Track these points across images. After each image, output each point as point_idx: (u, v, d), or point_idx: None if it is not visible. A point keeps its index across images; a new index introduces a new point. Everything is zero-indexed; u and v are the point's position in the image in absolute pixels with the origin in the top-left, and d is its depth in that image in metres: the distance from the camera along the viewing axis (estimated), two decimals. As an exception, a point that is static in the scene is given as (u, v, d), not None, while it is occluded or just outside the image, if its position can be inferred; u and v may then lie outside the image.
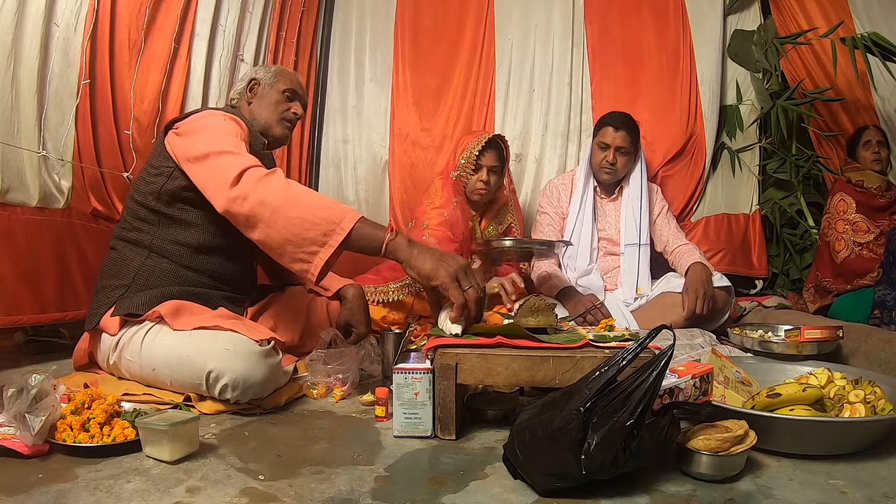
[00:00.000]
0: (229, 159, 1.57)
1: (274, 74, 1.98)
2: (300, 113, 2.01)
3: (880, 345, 1.94)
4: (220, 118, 1.74)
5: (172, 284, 1.71)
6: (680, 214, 3.16)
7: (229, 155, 1.58)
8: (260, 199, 1.48)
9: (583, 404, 1.07)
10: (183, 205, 1.73)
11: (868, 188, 2.92)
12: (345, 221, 1.46)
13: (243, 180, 1.51)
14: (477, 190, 2.61)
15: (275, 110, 1.95)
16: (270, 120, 1.95)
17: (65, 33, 2.00)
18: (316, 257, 1.46)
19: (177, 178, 1.71)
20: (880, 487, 1.13)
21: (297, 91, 2.01)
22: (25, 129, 1.93)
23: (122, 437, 1.25)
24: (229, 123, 1.73)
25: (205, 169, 1.61)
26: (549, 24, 3.34)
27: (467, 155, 2.58)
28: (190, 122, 1.74)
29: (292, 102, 1.99)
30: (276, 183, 1.51)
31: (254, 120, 1.92)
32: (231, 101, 2.01)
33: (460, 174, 2.60)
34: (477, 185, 2.60)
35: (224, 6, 2.66)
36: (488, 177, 2.60)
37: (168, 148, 1.73)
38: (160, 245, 1.73)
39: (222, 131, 1.68)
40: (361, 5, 3.44)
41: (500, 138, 2.68)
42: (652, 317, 2.47)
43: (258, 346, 1.54)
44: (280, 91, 1.96)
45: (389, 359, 1.91)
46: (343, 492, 1.09)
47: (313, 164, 3.40)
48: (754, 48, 3.21)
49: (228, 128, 1.71)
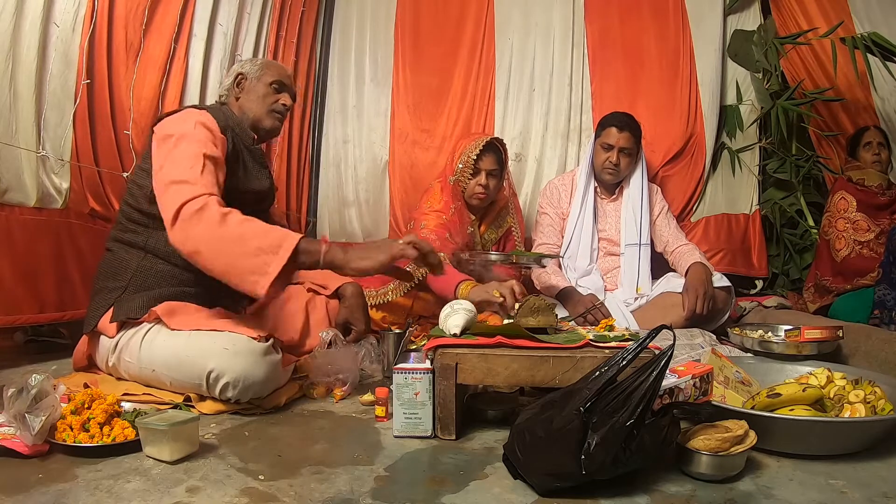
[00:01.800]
0: (178, 190, 1.54)
1: (260, 67, 1.97)
2: (289, 104, 1.99)
3: (880, 345, 1.94)
4: (192, 125, 1.69)
5: (169, 285, 1.71)
6: (680, 214, 3.16)
7: (181, 185, 1.55)
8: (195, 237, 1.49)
9: (583, 404, 1.07)
10: None
11: (869, 186, 2.92)
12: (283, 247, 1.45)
13: (180, 218, 1.50)
14: (476, 195, 2.55)
15: (263, 103, 1.94)
16: (260, 113, 1.93)
17: (63, 34, 2.00)
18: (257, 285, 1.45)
19: None
20: (880, 487, 1.13)
21: (285, 82, 1.99)
22: (23, 129, 1.93)
23: (122, 437, 1.25)
24: (200, 131, 1.68)
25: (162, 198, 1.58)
26: (549, 25, 3.33)
27: (465, 159, 2.52)
28: (166, 127, 1.71)
29: (280, 94, 1.97)
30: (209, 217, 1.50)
31: (243, 114, 1.91)
32: (220, 98, 1.99)
33: (458, 179, 2.54)
34: (476, 189, 2.54)
35: (222, 6, 2.66)
36: (487, 181, 2.54)
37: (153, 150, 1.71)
38: (155, 246, 1.72)
39: (189, 152, 1.62)
40: (362, 6, 3.44)
41: (498, 141, 2.61)
42: (652, 317, 2.47)
43: (258, 345, 1.54)
44: (267, 83, 1.95)
45: (389, 359, 1.91)
46: (343, 492, 1.09)
47: (313, 165, 3.40)
48: (754, 48, 3.21)
49: (199, 136, 1.66)
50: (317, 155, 3.40)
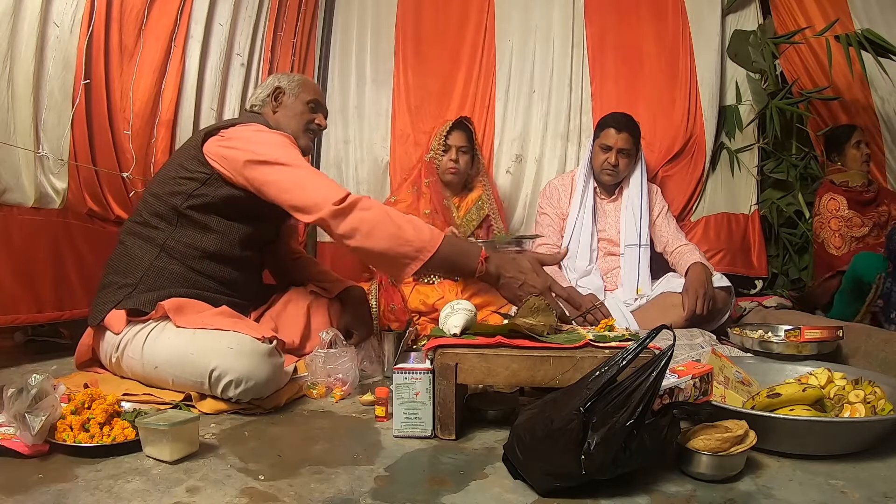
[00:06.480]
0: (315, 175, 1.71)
1: (298, 84, 1.98)
2: (324, 125, 2.02)
3: (880, 345, 1.94)
4: (278, 135, 1.78)
5: (180, 286, 1.71)
6: (680, 214, 3.16)
7: (310, 170, 1.71)
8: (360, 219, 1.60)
9: (583, 404, 1.07)
10: (208, 212, 1.74)
11: (853, 187, 2.98)
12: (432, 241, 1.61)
13: (348, 200, 1.61)
14: (448, 169, 2.78)
15: (300, 120, 1.96)
16: (297, 130, 1.95)
17: (61, 35, 2.00)
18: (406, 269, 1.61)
19: (212, 186, 1.72)
20: (880, 487, 1.13)
21: (320, 101, 2.02)
22: (22, 129, 1.93)
23: (122, 437, 1.25)
24: (289, 142, 1.78)
25: (285, 177, 1.66)
26: (549, 26, 3.34)
27: (438, 138, 2.81)
28: (243, 131, 1.76)
29: (316, 114, 2.00)
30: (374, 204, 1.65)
31: (279, 128, 1.90)
32: (252, 107, 1.99)
33: (433, 156, 2.82)
34: (448, 164, 2.78)
35: (219, 7, 2.65)
36: (457, 155, 2.78)
37: (208, 155, 1.72)
38: (173, 246, 1.72)
39: (290, 149, 1.75)
40: (363, 6, 3.44)
41: (466, 120, 2.86)
42: (652, 317, 2.47)
43: (262, 345, 1.55)
44: (305, 102, 1.96)
45: (389, 359, 1.91)
46: (343, 492, 1.09)
47: (314, 165, 3.39)
48: (751, 48, 3.21)
49: (291, 146, 1.77)
50: (317, 155, 3.39)
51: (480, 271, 1.63)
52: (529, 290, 1.61)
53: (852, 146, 3.00)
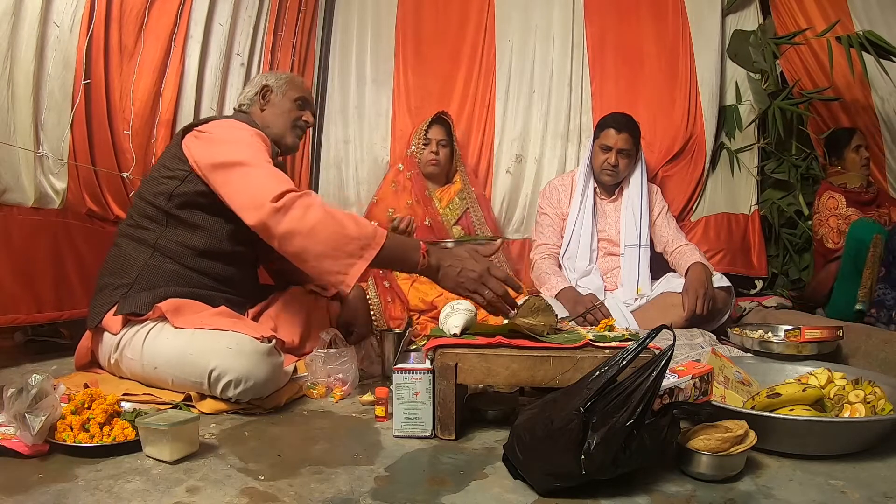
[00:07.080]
0: (265, 173, 1.61)
1: (285, 82, 1.98)
2: (311, 122, 2.02)
3: (880, 345, 1.94)
4: (248, 133, 1.76)
5: (175, 285, 1.71)
6: (680, 214, 3.16)
7: (264, 169, 1.63)
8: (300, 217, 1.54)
9: (583, 404, 1.07)
10: (193, 209, 1.73)
11: (852, 188, 2.99)
12: (377, 238, 1.56)
13: (286, 198, 1.55)
14: (429, 161, 2.96)
15: (287, 118, 1.95)
16: (283, 128, 1.95)
17: (61, 35, 2.00)
18: (352, 269, 1.54)
19: (191, 183, 1.71)
20: (880, 487, 1.13)
21: (308, 99, 2.02)
22: (21, 130, 1.93)
23: (122, 437, 1.25)
24: (257, 140, 1.74)
25: (236, 178, 1.62)
26: (548, 26, 3.33)
27: (418, 133, 3.01)
28: (215, 128, 1.75)
29: (303, 111, 1.99)
30: (314, 201, 1.58)
31: (266, 128, 1.91)
32: (241, 106, 1.99)
33: (414, 150, 3.02)
34: (429, 156, 2.96)
35: (219, 7, 2.65)
36: (437, 148, 2.96)
37: (186, 151, 1.72)
38: (165, 245, 1.73)
39: (255, 147, 1.70)
40: (363, 6, 3.43)
41: (445, 114, 3.04)
42: (652, 317, 2.47)
43: (261, 345, 1.55)
44: (292, 99, 1.96)
45: (389, 359, 1.91)
46: (343, 492, 1.09)
47: (314, 165, 3.39)
48: (751, 49, 3.21)
49: (258, 144, 1.73)
50: (317, 155, 3.39)
51: (423, 264, 1.59)
52: (468, 275, 1.57)
53: (852, 150, 3.01)
